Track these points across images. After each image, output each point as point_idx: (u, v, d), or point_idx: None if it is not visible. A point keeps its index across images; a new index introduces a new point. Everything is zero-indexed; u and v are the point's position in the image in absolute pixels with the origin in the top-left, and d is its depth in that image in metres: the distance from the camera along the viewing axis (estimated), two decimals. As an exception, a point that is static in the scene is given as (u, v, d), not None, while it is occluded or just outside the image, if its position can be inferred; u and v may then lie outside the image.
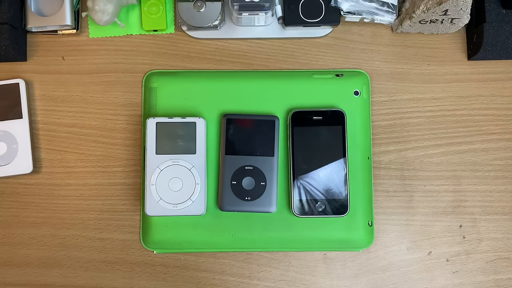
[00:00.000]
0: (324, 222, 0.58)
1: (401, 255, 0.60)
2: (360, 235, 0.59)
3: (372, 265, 0.60)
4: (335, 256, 0.60)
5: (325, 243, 0.59)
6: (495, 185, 0.61)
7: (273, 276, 0.60)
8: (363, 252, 0.60)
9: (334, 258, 0.60)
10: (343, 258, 0.60)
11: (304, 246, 0.59)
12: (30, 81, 0.62)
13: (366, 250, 0.60)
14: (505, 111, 0.62)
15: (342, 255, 0.60)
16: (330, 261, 0.60)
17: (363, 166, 0.59)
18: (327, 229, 0.58)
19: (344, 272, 0.60)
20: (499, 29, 0.59)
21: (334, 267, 0.60)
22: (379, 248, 0.60)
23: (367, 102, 0.60)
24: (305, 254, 0.60)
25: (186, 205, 0.56)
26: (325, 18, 0.59)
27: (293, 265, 0.60)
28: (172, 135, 0.57)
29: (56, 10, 0.60)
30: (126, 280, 0.60)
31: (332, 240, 0.59)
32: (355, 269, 0.60)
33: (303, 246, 0.59)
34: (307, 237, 0.59)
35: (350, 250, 0.60)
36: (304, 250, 0.60)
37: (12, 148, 0.59)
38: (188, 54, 0.62)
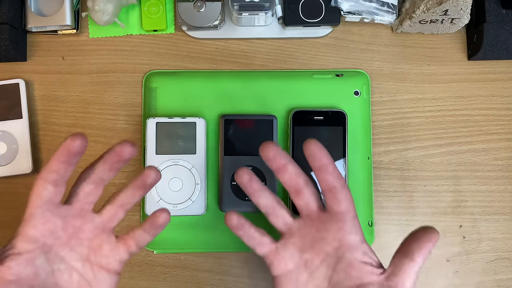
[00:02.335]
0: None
1: (401, 255, 0.60)
2: (360, 235, 0.59)
3: (372, 265, 0.60)
4: (335, 256, 0.60)
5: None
6: (495, 185, 0.61)
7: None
8: (363, 252, 0.60)
9: (334, 258, 0.60)
10: (343, 258, 0.60)
11: (304, 246, 0.59)
12: (30, 81, 0.62)
13: (366, 250, 0.60)
14: (505, 111, 0.62)
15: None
16: (330, 261, 0.60)
17: (363, 166, 0.59)
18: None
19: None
20: (499, 29, 0.59)
21: (334, 267, 0.60)
22: (379, 248, 0.60)
23: (367, 102, 0.60)
24: (305, 254, 0.60)
25: (186, 205, 0.57)
26: (325, 18, 0.59)
27: (293, 265, 0.60)
28: (172, 135, 0.57)
29: (56, 10, 0.60)
30: (126, 280, 0.60)
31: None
32: (355, 269, 0.60)
33: (303, 246, 0.59)
34: (307, 237, 0.59)
35: (350, 250, 0.60)
36: (304, 250, 0.60)
37: (12, 148, 0.59)
38: (188, 54, 0.62)
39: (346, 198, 0.43)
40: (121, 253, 0.43)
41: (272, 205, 0.45)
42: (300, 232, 0.44)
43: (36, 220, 0.40)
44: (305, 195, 0.44)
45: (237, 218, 0.45)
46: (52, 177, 0.40)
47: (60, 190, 0.41)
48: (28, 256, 0.40)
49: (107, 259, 0.42)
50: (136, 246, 0.43)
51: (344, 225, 0.42)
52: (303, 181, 0.44)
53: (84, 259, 0.42)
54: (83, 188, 0.42)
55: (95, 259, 0.42)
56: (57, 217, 0.41)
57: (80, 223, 0.42)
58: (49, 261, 0.41)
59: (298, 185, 0.43)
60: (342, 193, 0.43)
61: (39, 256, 0.40)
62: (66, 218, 0.41)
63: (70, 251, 0.41)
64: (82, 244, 0.42)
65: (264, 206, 0.45)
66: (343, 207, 0.43)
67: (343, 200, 0.43)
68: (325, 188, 0.43)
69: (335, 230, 0.42)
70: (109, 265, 0.42)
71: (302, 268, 0.43)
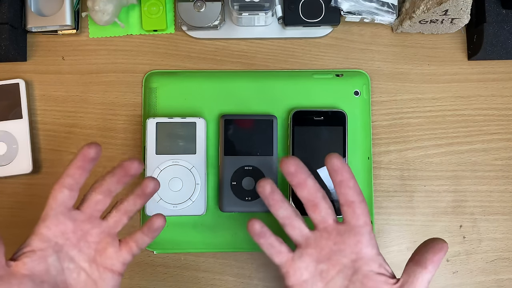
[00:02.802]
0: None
1: (401, 255, 0.60)
2: (360, 235, 0.59)
3: (372, 265, 0.60)
4: (335, 256, 0.60)
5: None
6: (495, 185, 0.61)
7: (273, 276, 0.60)
8: (363, 252, 0.60)
9: (334, 258, 0.60)
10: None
11: (304, 246, 0.59)
12: (30, 81, 0.62)
13: (366, 250, 0.60)
14: (505, 111, 0.62)
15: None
16: (330, 261, 0.60)
17: (363, 166, 0.59)
18: (327, 229, 0.58)
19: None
20: (499, 29, 0.59)
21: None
22: (379, 248, 0.60)
23: (367, 102, 0.60)
24: (305, 254, 0.60)
25: (186, 205, 0.57)
26: (325, 18, 0.59)
27: (293, 265, 0.60)
28: (172, 135, 0.57)
29: (56, 10, 0.60)
30: (126, 280, 0.60)
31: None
32: (355, 269, 0.60)
33: (303, 246, 0.59)
34: (307, 237, 0.59)
35: (350, 250, 0.60)
36: (304, 250, 0.60)
37: (12, 148, 0.59)
38: (188, 54, 0.62)
39: (364, 212, 0.45)
40: (124, 255, 0.46)
41: (290, 217, 0.46)
42: (316, 243, 0.45)
43: (50, 221, 0.44)
44: (322, 209, 0.45)
45: (260, 226, 0.46)
46: (68, 181, 0.44)
47: (74, 195, 0.45)
48: (41, 253, 0.44)
49: (111, 261, 0.46)
50: (137, 248, 0.47)
51: (362, 238, 0.45)
52: (321, 195, 0.45)
53: (91, 260, 0.46)
54: (94, 197, 0.46)
55: (101, 260, 0.46)
56: (68, 220, 0.45)
57: (89, 228, 0.46)
58: (60, 259, 0.45)
59: (316, 199, 0.45)
60: (360, 208, 0.45)
61: (51, 255, 0.44)
62: (77, 222, 0.45)
63: (79, 252, 0.45)
64: (90, 247, 0.46)
65: (282, 217, 0.46)
66: (361, 221, 0.45)
67: (361, 215, 0.45)
68: (344, 202, 0.45)
69: (353, 243, 0.44)
70: (113, 267, 0.46)
71: (318, 278, 0.45)
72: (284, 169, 0.45)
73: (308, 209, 0.46)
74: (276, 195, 0.46)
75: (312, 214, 0.46)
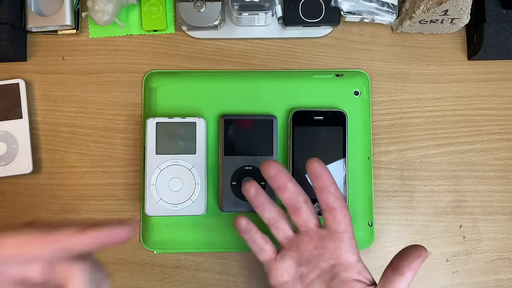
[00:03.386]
0: (323, 222, 0.58)
1: (401, 255, 0.60)
2: (360, 235, 0.59)
3: (372, 265, 0.60)
4: (335, 256, 0.60)
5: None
6: (495, 185, 0.61)
7: (273, 276, 0.60)
8: (363, 252, 0.60)
9: (334, 258, 0.60)
10: (343, 258, 0.60)
11: (304, 246, 0.59)
12: (30, 81, 0.62)
13: (366, 250, 0.60)
14: (505, 111, 0.62)
15: (342, 255, 0.60)
16: (330, 261, 0.60)
17: (363, 166, 0.59)
18: (327, 229, 0.58)
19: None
20: (499, 29, 0.59)
21: (334, 267, 0.60)
22: (379, 248, 0.60)
23: (367, 102, 0.60)
24: (305, 254, 0.60)
25: (186, 205, 0.57)
26: (325, 18, 0.59)
27: (293, 265, 0.60)
28: (172, 135, 0.57)
29: (56, 10, 0.60)
30: (126, 280, 0.60)
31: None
32: (355, 269, 0.60)
33: (303, 246, 0.59)
34: (307, 237, 0.59)
35: (350, 250, 0.60)
36: (304, 250, 0.60)
37: (12, 148, 0.59)
38: (188, 54, 0.62)
39: (345, 219, 0.45)
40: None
41: (275, 218, 0.47)
42: (298, 246, 0.46)
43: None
44: (303, 213, 0.46)
45: (246, 223, 0.48)
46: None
47: None
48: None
49: None
50: None
51: (342, 244, 0.45)
52: (302, 199, 0.46)
53: None
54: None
55: None
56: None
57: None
58: None
59: (298, 204, 0.46)
60: (341, 214, 0.45)
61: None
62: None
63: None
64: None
65: (267, 218, 0.47)
66: (341, 227, 0.45)
67: (341, 221, 0.45)
68: (325, 207, 0.45)
69: (332, 248, 0.45)
70: None
71: (298, 280, 0.46)
72: (264, 173, 0.46)
73: (290, 212, 0.46)
74: (261, 197, 0.47)
75: (294, 218, 0.46)
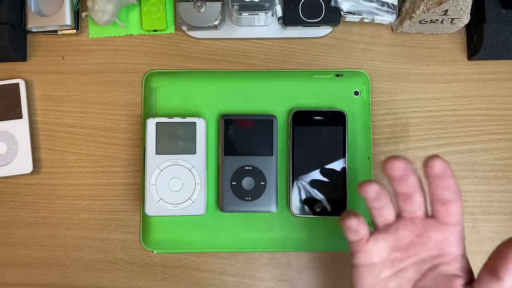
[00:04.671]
0: (324, 222, 0.58)
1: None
2: (360, 235, 0.59)
3: (372, 265, 0.60)
4: (335, 256, 0.60)
5: (325, 243, 0.59)
6: (495, 185, 0.61)
7: (273, 276, 0.60)
8: (363, 252, 0.60)
9: (334, 258, 0.60)
10: (343, 258, 0.60)
11: (304, 247, 0.59)
12: (30, 81, 0.62)
13: (366, 250, 0.60)
14: (505, 111, 0.62)
15: (342, 255, 0.60)
16: (330, 261, 0.60)
17: (363, 166, 0.59)
18: (327, 229, 0.58)
19: (344, 272, 0.60)
20: (499, 29, 0.59)
21: (334, 267, 0.60)
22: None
23: (367, 102, 0.60)
24: (305, 254, 0.60)
25: (186, 205, 0.57)
26: (325, 18, 0.59)
27: (293, 265, 0.60)
28: (172, 135, 0.57)
29: (56, 10, 0.60)
30: (126, 280, 0.60)
31: (332, 240, 0.59)
32: (355, 269, 0.60)
33: (303, 246, 0.59)
34: (307, 237, 0.59)
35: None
36: (304, 250, 0.60)
37: (12, 148, 0.59)
38: (188, 54, 0.62)
39: (459, 212, 0.43)
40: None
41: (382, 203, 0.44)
42: (396, 232, 0.44)
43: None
44: (415, 202, 0.44)
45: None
46: None
47: None
48: None
49: None
50: None
51: (451, 236, 0.43)
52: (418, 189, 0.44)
53: None
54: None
55: None
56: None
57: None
58: None
59: (413, 193, 0.44)
60: (456, 207, 0.43)
61: None
62: None
63: None
64: None
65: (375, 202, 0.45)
66: (453, 220, 0.43)
67: (455, 214, 0.43)
68: (438, 199, 0.43)
69: (439, 239, 0.43)
70: None
71: (388, 264, 0.44)
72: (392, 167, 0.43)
73: (400, 200, 0.44)
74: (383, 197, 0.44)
75: (403, 205, 0.44)
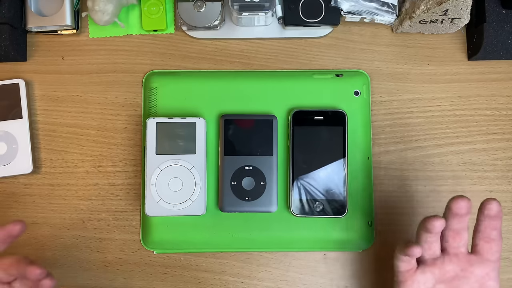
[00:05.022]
0: (324, 222, 0.58)
1: (401, 255, 0.60)
2: (360, 235, 0.59)
3: (372, 265, 0.60)
4: (335, 256, 0.60)
5: (325, 243, 0.59)
6: (495, 185, 0.61)
7: (273, 276, 0.60)
8: (363, 252, 0.60)
9: (334, 258, 0.60)
10: (343, 258, 0.60)
11: (304, 246, 0.59)
12: (30, 81, 0.62)
13: (366, 250, 0.60)
14: (505, 111, 0.62)
15: (342, 255, 0.60)
16: (330, 261, 0.60)
17: (363, 166, 0.59)
18: (327, 229, 0.58)
19: (344, 272, 0.60)
20: (499, 29, 0.59)
21: (334, 267, 0.60)
22: (379, 248, 0.60)
23: (367, 102, 0.60)
24: (305, 254, 0.60)
25: (186, 205, 0.57)
26: (325, 18, 0.59)
27: (293, 265, 0.60)
28: (172, 135, 0.57)
29: (56, 10, 0.60)
30: (126, 280, 0.60)
31: (332, 240, 0.59)
32: (355, 269, 0.60)
33: (303, 246, 0.59)
34: (307, 237, 0.59)
35: (350, 250, 0.60)
36: (304, 250, 0.60)
37: (12, 148, 0.59)
38: (188, 54, 0.62)
39: (499, 250, 0.48)
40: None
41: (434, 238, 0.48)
42: (442, 266, 0.48)
43: None
44: (462, 239, 0.48)
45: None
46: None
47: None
48: None
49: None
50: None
51: (491, 272, 0.48)
52: (466, 227, 0.48)
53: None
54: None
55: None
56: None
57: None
58: None
59: (462, 230, 0.48)
60: (498, 245, 0.48)
61: None
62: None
63: None
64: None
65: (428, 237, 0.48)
66: (494, 257, 0.48)
67: (496, 252, 0.48)
68: (485, 237, 0.48)
69: (481, 274, 0.48)
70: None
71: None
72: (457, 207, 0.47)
73: (449, 235, 0.48)
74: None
75: (451, 240, 0.48)
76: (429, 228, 0.47)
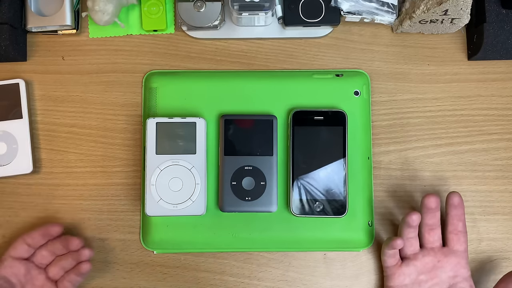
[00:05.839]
0: (324, 222, 0.58)
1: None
2: (360, 235, 0.59)
3: (372, 265, 0.60)
4: (335, 256, 0.60)
5: (325, 243, 0.59)
6: (495, 185, 0.61)
7: (273, 276, 0.60)
8: (363, 252, 0.60)
9: (334, 258, 0.60)
10: (343, 258, 0.60)
11: (304, 246, 0.59)
12: (30, 81, 0.62)
13: (366, 250, 0.60)
14: (505, 111, 0.62)
15: (342, 255, 0.60)
16: (330, 261, 0.60)
17: (363, 166, 0.59)
18: (327, 229, 0.58)
19: (344, 272, 0.60)
20: (499, 29, 0.59)
21: (334, 267, 0.60)
22: (379, 248, 0.60)
23: (367, 102, 0.60)
24: (305, 254, 0.60)
25: (186, 205, 0.57)
26: (325, 18, 0.59)
27: (293, 265, 0.60)
28: (172, 135, 0.57)
29: (56, 10, 0.60)
30: (126, 280, 0.60)
31: (332, 240, 0.59)
32: (355, 269, 0.60)
33: (303, 246, 0.59)
34: (307, 237, 0.59)
35: (350, 250, 0.60)
36: (304, 250, 0.60)
37: (12, 148, 0.59)
38: (188, 54, 0.62)
39: (466, 241, 0.56)
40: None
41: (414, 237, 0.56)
42: (422, 259, 0.56)
43: (7, 263, 0.56)
44: (436, 234, 0.56)
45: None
46: (29, 241, 0.56)
47: (30, 251, 0.56)
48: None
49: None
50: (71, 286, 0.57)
51: (462, 261, 0.56)
52: (439, 224, 0.56)
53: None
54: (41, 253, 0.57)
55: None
56: (22, 266, 0.56)
57: (36, 273, 0.56)
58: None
59: (435, 226, 0.56)
60: (465, 237, 0.56)
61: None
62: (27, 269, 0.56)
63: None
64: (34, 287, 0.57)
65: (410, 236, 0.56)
66: (463, 247, 0.56)
67: (464, 243, 0.56)
68: (452, 230, 0.56)
69: (454, 263, 0.56)
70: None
71: (416, 285, 0.56)
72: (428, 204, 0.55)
73: (425, 231, 0.56)
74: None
75: (427, 235, 0.56)
76: (409, 221, 0.54)
